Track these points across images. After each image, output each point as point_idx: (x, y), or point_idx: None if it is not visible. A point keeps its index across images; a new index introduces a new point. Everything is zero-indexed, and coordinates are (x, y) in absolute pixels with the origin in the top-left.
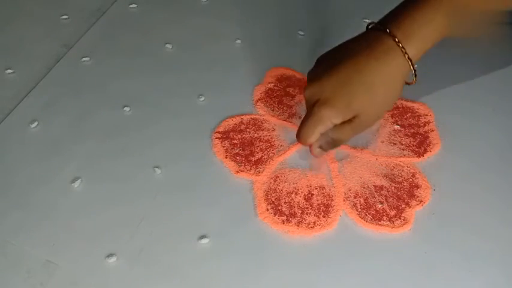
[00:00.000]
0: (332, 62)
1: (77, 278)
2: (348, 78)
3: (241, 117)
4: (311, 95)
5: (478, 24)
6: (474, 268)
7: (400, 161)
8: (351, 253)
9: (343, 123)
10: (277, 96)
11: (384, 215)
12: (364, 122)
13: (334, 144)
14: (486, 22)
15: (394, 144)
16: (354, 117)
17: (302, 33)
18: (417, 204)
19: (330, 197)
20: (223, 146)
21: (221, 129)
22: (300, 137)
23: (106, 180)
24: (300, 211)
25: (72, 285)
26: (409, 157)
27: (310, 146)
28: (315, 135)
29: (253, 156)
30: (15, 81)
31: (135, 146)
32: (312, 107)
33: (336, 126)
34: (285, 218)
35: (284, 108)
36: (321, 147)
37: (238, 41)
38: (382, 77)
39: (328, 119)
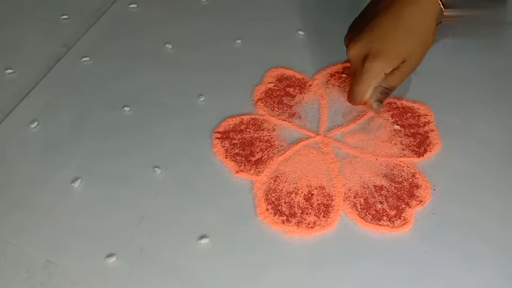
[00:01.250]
0: (369, 18)
1: (77, 278)
2: (389, 27)
3: (241, 117)
4: (357, 54)
5: None
6: (474, 268)
7: (400, 161)
8: (351, 253)
9: (393, 70)
10: (277, 96)
11: (383, 215)
12: (412, 64)
13: (386, 93)
14: None
15: (394, 144)
16: (401, 63)
17: (302, 33)
18: (417, 204)
19: (330, 197)
20: (223, 146)
21: (221, 129)
22: (354, 96)
23: (106, 180)
24: (300, 211)
25: (72, 285)
26: (409, 157)
27: (365, 103)
28: (369, 90)
29: (253, 156)
30: (15, 81)
31: (135, 146)
32: (362, 64)
33: (386, 75)
34: (285, 218)
35: (284, 108)
36: (376, 100)
37: (238, 41)
38: (420, 19)
39: (382, 70)
